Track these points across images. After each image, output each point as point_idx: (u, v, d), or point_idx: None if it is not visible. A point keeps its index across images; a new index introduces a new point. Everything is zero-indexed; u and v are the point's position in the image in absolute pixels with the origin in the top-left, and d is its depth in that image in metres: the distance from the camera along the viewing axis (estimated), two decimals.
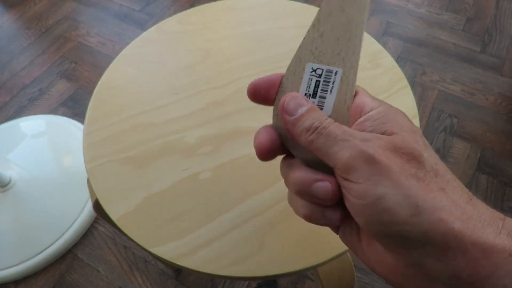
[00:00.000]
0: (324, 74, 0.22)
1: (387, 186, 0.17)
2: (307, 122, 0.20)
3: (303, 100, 0.21)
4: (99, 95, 0.42)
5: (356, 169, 0.18)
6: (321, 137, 0.20)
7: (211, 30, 0.48)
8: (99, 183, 0.35)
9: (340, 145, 0.19)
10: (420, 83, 1.08)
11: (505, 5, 1.27)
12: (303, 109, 0.21)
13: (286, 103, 0.21)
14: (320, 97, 0.22)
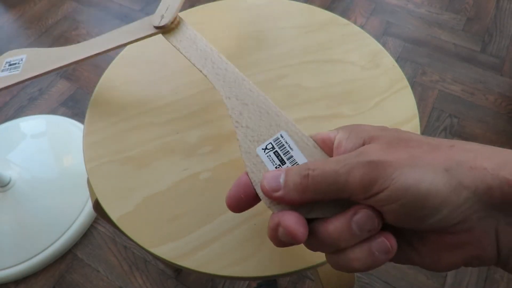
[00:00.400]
0: (275, 144, 0.24)
1: (411, 173, 0.17)
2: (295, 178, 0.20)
3: (274, 172, 0.21)
4: (99, 95, 0.42)
5: (375, 180, 0.17)
6: (318, 179, 0.19)
7: (211, 30, 0.48)
8: (99, 183, 0.35)
9: (344, 173, 0.18)
10: (420, 83, 1.08)
11: (505, 5, 1.27)
12: (281, 177, 0.21)
13: (266, 184, 0.21)
14: (288, 159, 0.23)
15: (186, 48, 0.34)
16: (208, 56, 0.32)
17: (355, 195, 0.18)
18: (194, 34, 0.35)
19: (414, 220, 0.17)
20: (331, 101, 0.41)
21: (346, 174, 0.18)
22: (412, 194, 0.17)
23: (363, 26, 1.22)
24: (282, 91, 0.42)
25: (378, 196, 0.17)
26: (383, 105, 0.41)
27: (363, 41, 0.47)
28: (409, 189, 0.17)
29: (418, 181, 0.17)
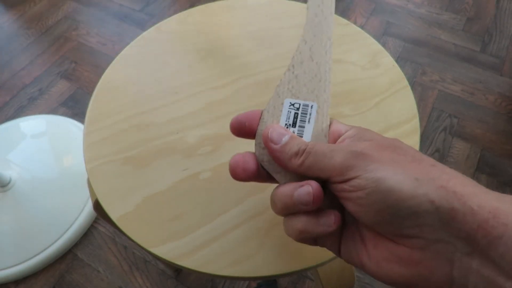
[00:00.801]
0: (301, 108, 0.25)
1: (384, 170, 0.18)
2: (294, 148, 0.22)
3: (283, 130, 0.23)
4: (99, 95, 0.42)
5: (352, 166, 0.19)
6: (310, 156, 0.21)
7: (211, 30, 0.48)
8: (99, 183, 0.35)
9: (330, 155, 0.20)
10: (420, 83, 1.08)
11: (505, 5, 1.27)
12: (286, 137, 0.23)
13: (270, 133, 0.23)
14: (299, 127, 0.25)
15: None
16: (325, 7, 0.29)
17: (333, 177, 0.20)
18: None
19: (374, 213, 0.18)
20: (331, 101, 0.41)
21: (330, 157, 0.20)
22: (378, 186, 0.18)
23: (363, 26, 1.22)
24: None
25: (350, 181, 0.19)
26: (383, 105, 0.41)
27: (363, 41, 0.47)
28: (377, 181, 0.18)
29: (387, 177, 0.18)
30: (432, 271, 0.17)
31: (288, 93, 0.25)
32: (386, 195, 0.18)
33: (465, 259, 0.17)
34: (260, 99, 0.41)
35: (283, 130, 0.23)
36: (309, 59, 0.26)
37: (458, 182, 0.18)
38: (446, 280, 0.17)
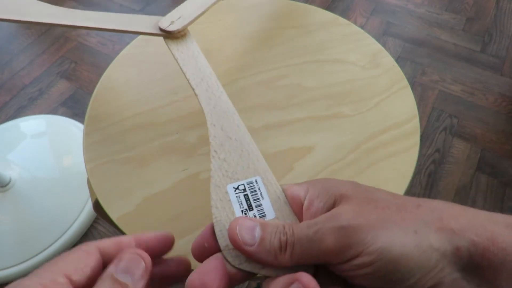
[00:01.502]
0: (247, 187, 0.23)
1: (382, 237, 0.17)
2: (274, 242, 0.19)
3: (249, 222, 0.20)
4: (99, 95, 0.42)
5: (348, 246, 0.18)
6: (295, 246, 0.19)
7: (211, 30, 0.48)
8: (99, 183, 0.35)
9: (317, 239, 0.18)
10: (420, 83, 1.08)
11: (505, 5, 1.27)
12: (257, 231, 0.20)
13: (239, 233, 0.19)
14: (256, 206, 0.22)
15: (184, 61, 0.33)
16: (205, 77, 0.31)
17: (330, 261, 0.18)
18: (197, 51, 0.34)
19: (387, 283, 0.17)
20: (331, 101, 0.41)
21: (319, 241, 0.18)
22: (385, 258, 0.17)
23: (363, 26, 1.22)
24: (282, 91, 0.42)
25: (352, 261, 0.18)
26: (383, 105, 0.41)
27: (363, 41, 0.47)
28: (382, 253, 0.17)
29: (390, 245, 0.17)
30: None
31: (226, 179, 0.24)
32: (395, 264, 0.17)
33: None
34: (260, 99, 0.41)
35: (249, 222, 0.20)
36: (227, 139, 0.26)
37: (449, 216, 0.18)
38: None
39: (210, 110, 0.28)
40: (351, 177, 0.36)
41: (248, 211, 0.22)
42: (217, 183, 0.23)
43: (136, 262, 0.19)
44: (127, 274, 0.18)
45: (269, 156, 0.37)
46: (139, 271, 0.18)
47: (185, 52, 0.34)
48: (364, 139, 0.38)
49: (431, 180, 0.91)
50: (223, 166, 0.24)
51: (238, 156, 0.25)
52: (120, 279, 0.18)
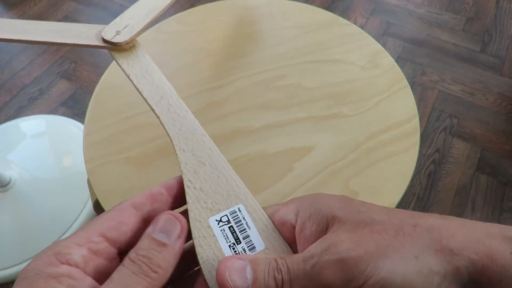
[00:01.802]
0: (231, 218, 0.21)
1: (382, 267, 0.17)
2: (270, 281, 0.18)
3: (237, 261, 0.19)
4: (99, 95, 0.42)
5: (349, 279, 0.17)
6: (294, 284, 0.18)
7: (211, 30, 0.48)
8: (99, 183, 0.35)
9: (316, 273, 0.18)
10: (420, 83, 1.08)
11: (505, 5, 1.27)
12: (248, 271, 0.18)
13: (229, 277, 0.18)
14: (244, 238, 0.21)
15: (138, 78, 0.28)
16: (165, 95, 0.27)
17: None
18: (150, 65, 0.30)
19: None
20: (331, 101, 0.41)
21: (318, 276, 0.18)
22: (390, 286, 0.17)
23: (363, 26, 1.22)
24: (282, 91, 0.42)
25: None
26: (383, 105, 0.41)
27: (363, 41, 0.47)
28: (385, 283, 0.17)
29: (392, 274, 0.17)
30: None
31: (207, 211, 0.21)
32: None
33: None
34: (260, 99, 0.41)
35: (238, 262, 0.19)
36: (201, 165, 0.23)
37: (447, 235, 0.18)
38: None
39: (176, 133, 0.25)
40: (351, 177, 0.36)
41: (236, 245, 0.20)
42: (197, 217, 0.21)
43: (172, 223, 0.19)
44: (164, 233, 0.19)
45: (269, 156, 0.37)
46: (176, 231, 0.19)
47: (137, 66, 0.29)
48: (364, 139, 0.38)
49: (431, 180, 0.91)
50: (200, 196, 0.22)
51: (215, 183, 0.22)
52: (158, 238, 0.18)
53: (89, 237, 0.18)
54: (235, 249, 0.20)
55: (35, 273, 0.16)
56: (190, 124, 0.25)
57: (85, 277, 0.17)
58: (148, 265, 0.18)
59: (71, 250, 0.17)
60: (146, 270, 0.17)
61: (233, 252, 0.20)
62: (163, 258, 0.18)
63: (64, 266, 0.17)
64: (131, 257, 0.18)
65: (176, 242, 0.19)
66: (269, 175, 0.36)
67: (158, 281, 0.18)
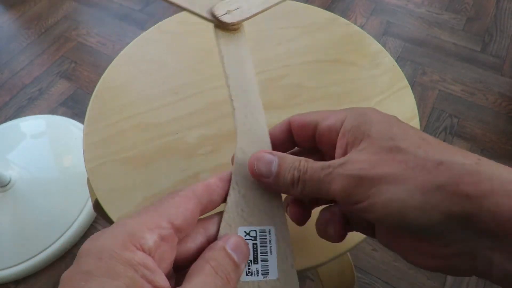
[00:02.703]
0: (259, 236, 0.21)
1: (386, 191, 0.17)
2: (288, 177, 0.20)
3: (268, 155, 0.21)
4: (99, 95, 0.42)
5: (353, 194, 0.18)
6: (306, 184, 0.20)
7: (211, 30, 0.48)
8: (99, 183, 0.35)
9: (327, 181, 0.19)
10: (420, 83, 1.08)
11: (505, 5, 1.27)
12: (274, 165, 0.21)
13: (257, 167, 0.21)
14: (262, 261, 0.20)
15: (230, 62, 0.27)
16: (248, 90, 0.26)
17: (337, 201, 0.20)
18: (246, 55, 0.28)
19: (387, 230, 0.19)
20: (331, 101, 0.41)
21: (328, 183, 0.19)
22: (385, 210, 0.17)
23: (363, 26, 1.22)
24: (282, 91, 0.42)
25: (355, 206, 0.19)
26: (383, 105, 0.41)
27: (363, 41, 0.47)
28: (383, 206, 0.17)
29: (390, 202, 0.17)
30: (457, 264, 0.18)
31: (240, 219, 0.21)
32: (395, 218, 0.17)
33: (487, 253, 0.16)
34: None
35: (268, 155, 0.21)
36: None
37: (472, 181, 0.16)
38: (467, 270, 0.17)
39: (244, 132, 0.24)
40: None
41: (252, 263, 0.20)
42: (229, 222, 0.21)
43: (243, 245, 0.19)
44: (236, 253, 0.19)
45: None
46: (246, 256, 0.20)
47: (233, 51, 0.28)
48: None
49: None
50: (240, 203, 0.21)
51: (259, 196, 0.22)
52: (236, 260, 0.19)
53: (159, 222, 0.18)
54: (249, 266, 0.20)
55: (110, 254, 0.16)
56: (260, 129, 0.24)
57: (157, 269, 0.17)
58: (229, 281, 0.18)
59: (145, 235, 0.17)
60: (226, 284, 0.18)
61: (247, 271, 0.20)
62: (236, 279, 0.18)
63: (139, 253, 0.16)
64: (213, 265, 0.18)
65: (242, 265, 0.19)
66: None
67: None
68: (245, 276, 0.20)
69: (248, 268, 0.20)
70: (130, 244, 0.16)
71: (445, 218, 0.17)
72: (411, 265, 0.77)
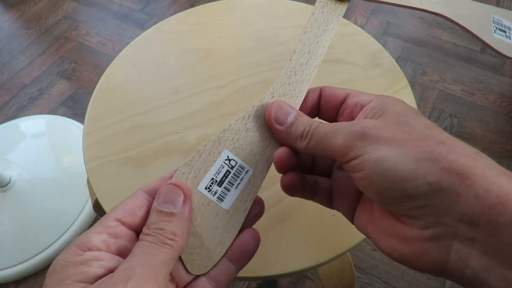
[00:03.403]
0: (236, 168, 0.22)
1: (382, 150, 0.18)
2: (300, 128, 0.22)
3: (289, 107, 0.23)
4: (99, 95, 0.42)
5: (351, 147, 0.19)
6: (313, 137, 0.21)
7: (211, 30, 0.48)
8: (99, 183, 0.35)
9: (332, 136, 0.20)
10: (420, 83, 1.08)
11: (505, 5, 1.27)
12: (291, 116, 0.22)
13: (275, 112, 0.22)
14: (224, 188, 0.22)
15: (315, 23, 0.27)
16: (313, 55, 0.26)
17: (336, 157, 0.20)
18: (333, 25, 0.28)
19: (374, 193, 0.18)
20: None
21: (331, 138, 0.20)
22: (375, 168, 0.18)
23: (363, 26, 1.22)
24: None
25: (350, 162, 0.19)
26: None
27: (363, 41, 0.47)
28: (374, 163, 0.18)
29: (384, 159, 0.18)
30: (426, 251, 0.17)
31: (231, 144, 0.22)
32: (384, 177, 0.17)
33: (466, 243, 0.16)
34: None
35: (289, 107, 0.23)
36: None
37: (467, 163, 0.16)
38: (439, 262, 0.17)
39: (284, 82, 0.25)
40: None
41: (215, 183, 0.21)
42: (221, 140, 0.22)
43: (175, 192, 0.20)
44: (169, 204, 0.19)
45: None
46: (180, 198, 0.20)
47: (324, 16, 0.28)
48: None
49: None
50: (240, 133, 0.23)
51: (258, 140, 0.23)
52: (164, 210, 0.19)
53: (105, 223, 0.19)
54: (212, 185, 0.21)
55: (62, 265, 0.17)
56: (298, 88, 0.25)
57: (112, 256, 0.18)
58: (163, 234, 0.18)
59: (91, 238, 0.18)
60: (162, 239, 0.18)
61: (208, 186, 0.21)
62: (175, 227, 0.19)
63: (88, 252, 0.18)
64: (145, 232, 0.19)
65: (184, 209, 0.19)
66: (270, 175, 0.35)
67: (177, 247, 0.19)
68: (203, 189, 0.21)
69: (210, 185, 0.21)
70: (79, 250, 0.18)
71: (431, 191, 0.16)
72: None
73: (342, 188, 0.23)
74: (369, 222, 0.21)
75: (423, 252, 0.17)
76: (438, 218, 0.17)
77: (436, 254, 0.17)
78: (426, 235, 0.17)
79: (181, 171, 0.21)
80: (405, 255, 0.18)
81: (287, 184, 0.23)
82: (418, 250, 0.17)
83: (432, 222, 0.17)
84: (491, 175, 0.16)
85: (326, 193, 0.24)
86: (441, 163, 0.17)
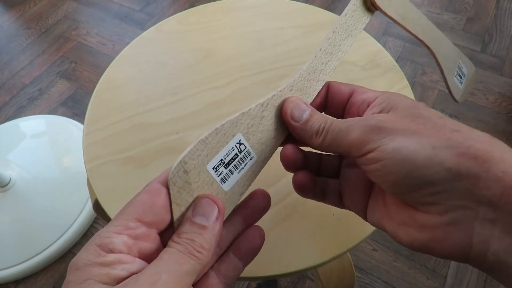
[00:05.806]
0: (244, 153, 0.22)
1: (399, 141, 0.18)
2: (315, 126, 0.22)
3: (304, 105, 0.23)
4: (99, 95, 0.42)
5: (367, 141, 0.19)
6: (328, 134, 0.21)
7: (211, 30, 0.48)
8: (99, 183, 0.35)
9: (346, 131, 0.20)
10: (420, 83, 1.08)
11: (505, 5, 1.27)
12: (306, 114, 0.23)
13: (291, 109, 0.23)
14: (229, 170, 0.22)
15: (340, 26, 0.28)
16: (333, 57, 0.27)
17: (351, 152, 0.20)
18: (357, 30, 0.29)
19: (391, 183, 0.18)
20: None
21: (346, 133, 0.20)
22: (393, 157, 0.18)
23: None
24: None
25: (367, 155, 0.19)
26: None
27: (363, 41, 0.47)
28: (392, 152, 0.18)
29: (402, 148, 0.18)
30: (448, 236, 0.17)
31: (245, 129, 0.22)
32: (401, 166, 0.18)
33: (487, 225, 0.16)
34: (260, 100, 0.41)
35: (304, 105, 0.23)
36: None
37: (483, 148, 0.17)
38: (462, 246, 0.17)
39: (304, 78, 0.25)
40: None
41: (222, 165, 0.21)
42: (238, 123, 0.22)
43: (210, 206, 0.20)
44: (203, 217, 0.20)
45: None
46: (214, 213, 0.20)
47: (351, 23, 0.29)
48: None
49: None
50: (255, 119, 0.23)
51: (269, 130, 0.23)
52: (198, 222, 0.19)
53: (126, 224, 0.18)
54: (218, 166, 0.21)
55: (85, 263, 0.17)
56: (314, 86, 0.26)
57: (134, 259, 0.18)
58: (192, 245, 0.18)
59: (113, 239, 0.18)
60: (191, 250, 0.18)
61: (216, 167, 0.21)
62: (205, 240, 0.19)
63: (111, 255, 0.17)
64: (175, 239, 0.19)
65: (215, 224, 0.20)
66: (269, 175, 0.35)
67: (203, 261, 0.19)
68: (211, 168, 0.21)
69: (218, 165, 0.21)
70: (101, 251, 0.18)
71: (450, 176, 0.17)
72: (411, 265, 0.77)
73: (352, 186, 0.24)
74: (384, 215, 0.21)
75: (445, 238, 0.17)
76: (457, 202, 0.17)
77: (459, 238, 0.17)
78: (446, 220, 0.17)
79: (196, 147, 0.21)
80: (427, 243, 0.18)
81: (299, 184, 0.24)
82: (440, 236, 0.17)
83: (451, 206, 0.17)
84: (509, 158, 0.16)
85: (336, 193, 0.24)
86: (458, 149, 0.17)
